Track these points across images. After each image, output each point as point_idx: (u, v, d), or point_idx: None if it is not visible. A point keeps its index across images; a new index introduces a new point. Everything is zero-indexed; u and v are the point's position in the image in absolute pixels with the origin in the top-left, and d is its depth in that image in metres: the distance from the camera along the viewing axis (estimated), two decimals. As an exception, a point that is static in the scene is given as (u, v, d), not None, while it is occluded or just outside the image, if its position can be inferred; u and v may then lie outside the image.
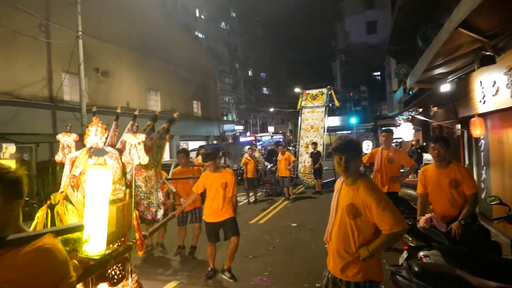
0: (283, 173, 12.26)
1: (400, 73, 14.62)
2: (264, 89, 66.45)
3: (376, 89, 42.59)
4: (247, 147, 16.88)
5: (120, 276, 3.42)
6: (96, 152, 3.46)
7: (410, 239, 4.16)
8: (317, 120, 16.19)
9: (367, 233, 2.75)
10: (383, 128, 7.77)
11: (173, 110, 21.50)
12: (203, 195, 5.98)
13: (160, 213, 4.00)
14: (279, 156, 12.79)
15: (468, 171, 4.35)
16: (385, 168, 6.61)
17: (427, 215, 4.09)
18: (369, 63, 43.85)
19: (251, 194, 12.68)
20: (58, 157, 3.89)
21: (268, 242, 7.68)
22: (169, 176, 6.86)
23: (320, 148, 14.77)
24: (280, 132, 51.58)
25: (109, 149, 3.64)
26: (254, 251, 6.80)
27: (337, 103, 17.66)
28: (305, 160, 15.67)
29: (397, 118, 19.94)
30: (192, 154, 17.28)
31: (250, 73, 61.31)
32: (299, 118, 16.73)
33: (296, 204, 11.87)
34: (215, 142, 26.42)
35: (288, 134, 53.65)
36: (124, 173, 3.66)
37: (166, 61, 21.49)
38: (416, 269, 2.98)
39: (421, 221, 4.02)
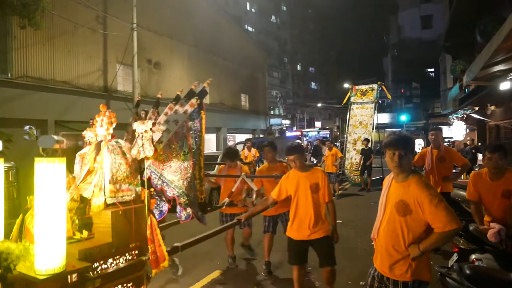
0: (329, 169, 12.14)
1: (456, 70, 14.04)
2: (313, 83, 65.85)
3: (429, 86, 41.08)
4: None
5: None
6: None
7: (461, 241, 4.01)
8: (366, 116, 15.86)
9: (417, 231, 2.68)
10: (432, 127, 7.48)
11: (221, 103, 21.85)
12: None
13: (184, 214, 3.23)
14: (326, 152, 12.67)
15: None
16: (437, 168, 6.33)
17: (495, 227, 3.80)
18: (423, 59, 42.33)
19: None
20: (81, 152, 3.28)
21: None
22: (226, 171, 6.02)
23: (370, 145, 14.49)
24: (327, 127, 51.03)
25: (117, 141, 3.06)
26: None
27: (389, 96, 17.24)
28: (352, 156, 15.43)
29: (450, 116, 19.20)
30: (239, 147, 17.51)
31: (298, 67, 60.95)
32: (348, 113, 16.46)
33: (341, 201, 11.73)
34: (261, 135, 26.53)
35: (335, 130, 53.00)
36: (136, 169, 3.03)
37: (216, 54, 21.83)
38: (468, 272, 2.87)
39: (490, 236, 3.75)
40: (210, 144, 21.47)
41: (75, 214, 2.79)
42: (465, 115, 15.68)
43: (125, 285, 2.63)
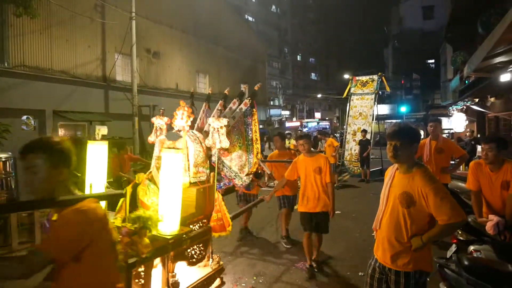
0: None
1: (457, 61, 13.93)
2: (313, 74, 65.61)
3: (429, 78, 40.93)
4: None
5: (200, 256, 3.57)
6: (170, 135, 3.68)
7: (460, 232, 4.02)
8: (366, 107, 15.80)
9: (420, 222, 2.69)
10: (431, 118, 7.46)
11: (220, 93, 21.78)
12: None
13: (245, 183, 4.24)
14: (325, 144, 12.73)
15: None
16: (435, 159, 6.32)
17: (494, 219, 3.80)
18: (424, 50, 42.10)
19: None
20: (151, 138, 4.12)
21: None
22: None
23: (368, 136, 14.46)
24: (327, 118, 50.95)
25: (194, 132, 3.86)
26: (296, 236, 6.82)
27: (388, 89, 17.10)
28: (352, 147, 15.40)
29: (450, 108, 19.14)
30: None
31: (299, 57, 60.68)
32: (348, 104, 16.40)
33: (341, 191, 11.72)
34: (261, 126, 26.51)
35: (335, 121, 52.92)
36: (208, 156, 3.86)
37: (216, 44, 21.69)
38: (467, 263, 2.88)
39: (488, 228, 3.75)
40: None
41: None
42: (465, 107, 15.62)
43: (199, 245, 3.55)
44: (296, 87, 56.33)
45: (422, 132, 23.80)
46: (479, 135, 14.76)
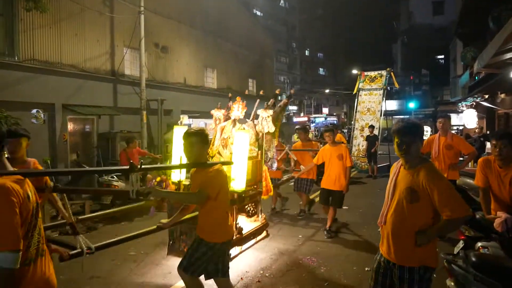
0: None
1: (467, 57, 13.80)
2: (321, 69, 65.27)
3: (439, 74, 40.58)
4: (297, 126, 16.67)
5: (253, 212, 5.12)
6: (240, 121, 5.22)
7: (467, 229, 4.00)
8: (374, 103, 15.72)
9: (425, 218, 2.70)
10: (440, 114, 7.46)
11: (228, 88, 21.78)
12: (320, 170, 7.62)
13: (275, 166, 5.78)
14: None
15: None
16: (444, 155, 6.36)
17: (502, 216, 3.76)
18: (433, 46, 41.71)
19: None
20: (211, 126, 5.63)
21: (317, 220, 7.70)
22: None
23: (376, 132, 14.39)
24: (335, 114, 50.72)
25: (247, 120, 5.31)
26: (304, 232, 6.84)
27: (396, 85, 16.94)
28: (359, 143, 15.35)
29: (459, 104, 18.99)
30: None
31: (307, 53, 60.32)
32: (356, 100, 16.33)
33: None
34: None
35: (343, 117, 52.71)
36: (257, 138, 5.18)
37: (224, 39, 21.65)
38: (474, 259, 2.87)
39: (496, 225, 3.71)
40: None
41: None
42: (474, 103, 15.49)
43: (252, 204, 5.12)
44: (304, 82, 56.08)
45: (429, 129, 23.74)
46: (488, 132, 14.65)
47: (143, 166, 3.12)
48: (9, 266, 1.77)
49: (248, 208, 5.00)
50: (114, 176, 8.81)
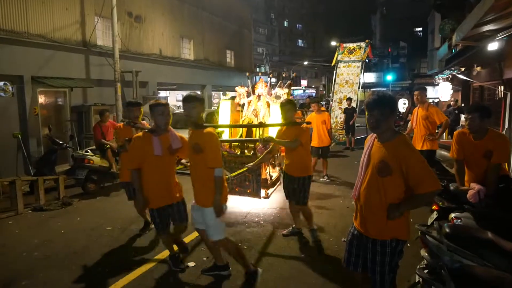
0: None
1: (445, 29, 13.77)
2: (299, 41, 64.71)
3: (417, 46, 40.85)
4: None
5: (274, 164, 7.04)
6: (276, 97, 7.04)
7: (441, 200, 4.06)
8: (352, 75, 15.73)
9: (397, 191, 2.70)
10: (416, 87, 7.59)
11: (206, 59, 21.38)
12: None
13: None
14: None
15: (505, 142, 4.00)
16: (421, 125, 6.59)
17: (475, 187, 3.84)
18: (412, 18, 41.84)
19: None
20: (237, 100, 7.41)
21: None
22: None
23: (353, 105, 14.45)
24: (313, 86, 50.81)
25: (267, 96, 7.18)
26: (282, 203, 6.86)
27: (370, 55, 16.81)
28: (337, 115, 15.41)
29: (436, 76, 19.17)
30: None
31: (285, 23, 59.56)
32: (334, 72, 16.30)
33: (343, 158, 11.82)
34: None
35: (321, 89, 52.83)
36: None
37: (200, 8, 21.03)
38: (447, 230, 2.91)
39: (470, 196, 3.80)
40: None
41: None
42: (450, 76, 15.65)
43: (273, 158, 6.72)
44: (282, 54, 55.61)
45: (406, 101, 24.02)
46: (463, 104, 14.87)
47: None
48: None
49: (272, 161, 6.85)
50: (89, 151, 8.61)
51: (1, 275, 4.39)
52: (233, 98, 7.86)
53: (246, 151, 6.57)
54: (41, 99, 11.26)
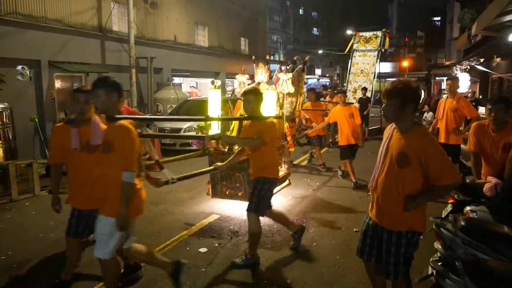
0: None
1: (465, 19, 13.49)
2: (315, 29, 64.03)
3: (434, 36, 40.07)
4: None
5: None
6: (268, 82, 5.83)
7: (457, 193, 4.02)
8: (368, 64, 15.53)
9: (415, 183, 2.67)
10: (449, 76, 7.25)
11: (220, 46, 21.30)
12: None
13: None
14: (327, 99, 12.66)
15: None
16: (448, 117, 6.16)
17: (492, 180, 3.76)
18: (430, 7, 41.04)
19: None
20: (237, 89, 6.30)
21: (308, 184, 7.73)
22: None
23: (368, 94, 14.30)
24: (327, 75, 50.37)
25: (268, 81, 5.93)
26: (294, 192, 6.86)
27: (386, 46, 16.59)
28: (351, 105, 15.28)
29: (454, 67, 18.84)
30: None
31: (301, 11, 58.95)
32: (349, 61, 16.11)
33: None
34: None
35: (335, 78, 52.34)
36: (278, 98, 5.76)
37: (216, -5, 20.92)
38: (463, 223, 2.88)
39: (486, 189, 3.73)
40: (207, 89, 21.02)
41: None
42: (469, 67, 15.37)
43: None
44: (297, 42, 55.14)
45: (422, 92, 23.69)
46: (480, 96, 14.61)
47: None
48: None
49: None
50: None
51: (18, 255, 4.48)
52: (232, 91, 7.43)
53: (236, 147, 5.29)
54: (58, 84, 11.38)
